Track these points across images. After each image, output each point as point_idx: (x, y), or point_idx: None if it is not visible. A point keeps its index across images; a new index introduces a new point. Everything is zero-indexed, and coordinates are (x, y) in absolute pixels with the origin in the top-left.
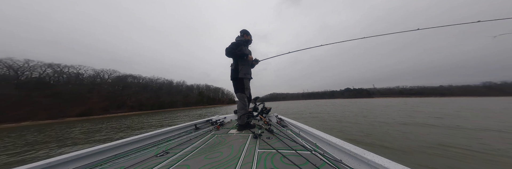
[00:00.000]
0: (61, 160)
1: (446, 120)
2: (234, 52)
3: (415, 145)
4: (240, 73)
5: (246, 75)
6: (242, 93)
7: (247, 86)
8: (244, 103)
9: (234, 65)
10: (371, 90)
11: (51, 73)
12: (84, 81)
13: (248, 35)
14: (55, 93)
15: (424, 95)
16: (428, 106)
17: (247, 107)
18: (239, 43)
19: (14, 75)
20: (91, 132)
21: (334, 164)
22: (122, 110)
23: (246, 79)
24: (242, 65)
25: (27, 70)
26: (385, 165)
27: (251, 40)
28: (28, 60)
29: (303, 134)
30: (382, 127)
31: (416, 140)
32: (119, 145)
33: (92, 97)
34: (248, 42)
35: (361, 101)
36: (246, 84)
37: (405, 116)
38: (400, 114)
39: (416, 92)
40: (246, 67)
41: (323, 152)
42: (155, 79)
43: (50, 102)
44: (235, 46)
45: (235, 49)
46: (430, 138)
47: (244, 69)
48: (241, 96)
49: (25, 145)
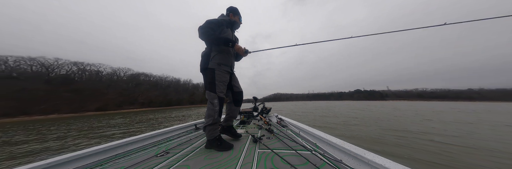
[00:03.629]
0: (61, 160)
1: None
2: (212, 34)
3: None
4: (211, 62)
5: (221, 66)
6: (211, 91)
7: (221, 82)
8: (212, 107)
9: (205, 51)
10: (385, 92)
11: (76, 71)
12: (102, 78)
13: (236, 15)
14: (77, 89)
15: (447, 99)
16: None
17: (216, 115)
18: (220, 22)
19: (45, 72)
20: (138, 122)
21: (334, 164)
22: (134, 106)
23: (220, 71)
24: (217, 52)
25: (56, 68)
26: (386, 165)
27: (240, 22)
28: (57, 59)
29: (303, 134)
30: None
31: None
32: (119, 145)
33: (108, 94)
34: (234, 24)
35: (374, 104)
36: (218, 78)
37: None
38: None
39: (438, 95)
40: (224, 56)
41: (323, 152)
42: (164, 77)
43: (72, 97)
44: (214, 25)
45: (214, 30)
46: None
47: (220, 57)
48: (210, 96)
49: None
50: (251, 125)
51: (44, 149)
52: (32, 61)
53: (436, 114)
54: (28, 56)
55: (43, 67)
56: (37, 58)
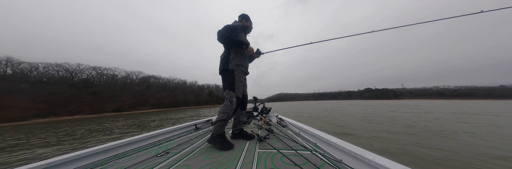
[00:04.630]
0: (61, 160)
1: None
2: (229, 37)
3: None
4: (231, 64)
5: (239, 67)
6: (231, 90)
7: (241, 82)
8: (229, 105)
9: (224, 54)
10: (399, 90)
11: (95, 75)
12: (117, 82)
13: (248, 21)
14: (96, 91)
15: (475, 97)
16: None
17: (231, 112)
18: (235, 27)
19: (69, 77)
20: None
21: (334, 164)
22: (146, 108)
23: (238, 71)
24: (235, 54)
25: (79, 72)
26: (386, 165)
27: (251, 27)
28: (79, 64)
29: (303, 134)
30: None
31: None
32: (119, 145)
33: (122, 96)
34: (247, 29)
35: (389, 104)
36: (238, 79)
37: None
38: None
39: (462, 93)
40: (241, 58)
41: (323, 152)
42: (172, 79)
43: (92, 99)
44: (231, 29)
45: (231, 33)
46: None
47: (238, 59)
48: (230, 95)
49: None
50: (251, 125)
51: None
52: (58, 67)
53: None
54: (55, 63)
55: (67, 72)
56: (63, 64)
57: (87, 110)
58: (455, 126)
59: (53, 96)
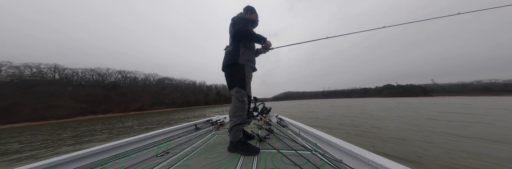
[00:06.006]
0: (62, 160)
1: None
2: (249, 30)
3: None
4: (241, 58)
5: (249, 63)
6: (241, 88)
7: (250, 79)
8: (241, 105)
9: (232, 47)
10: (428, 86)
11: (120, 78)
12: (138, 83)
13: (253, 13)
14: (122, 92)
15: None
16: None
17: (245, 114)
18: (247, 20)
19: (101, 80)
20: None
21: (334, 164)
22: (162, 107)
23: (248, 67)
24: (245, 48)
25: (108, 76)
26: (386, 165)
27: (258, 20)
28: (108, 68)
29: (303, 134)
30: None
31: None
32: (119, 145)
33: (143, 96)
34: (254, 23)
35: (420, 101)
36: (248, 75)
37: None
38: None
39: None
40: (251, 53)
41: (323, 152)
42: (183, 80)
43: (119, 99)
44: (246, 22)
45: (246, 25)
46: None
47: (248, 53)
48: (241, 93)
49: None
50: (251, 125)
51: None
52: (93, 72)
53: None
54: (89, 68)
55: (99, 76)
56: (96, 69)
57: (116, 109)
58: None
59: (90, 97)
